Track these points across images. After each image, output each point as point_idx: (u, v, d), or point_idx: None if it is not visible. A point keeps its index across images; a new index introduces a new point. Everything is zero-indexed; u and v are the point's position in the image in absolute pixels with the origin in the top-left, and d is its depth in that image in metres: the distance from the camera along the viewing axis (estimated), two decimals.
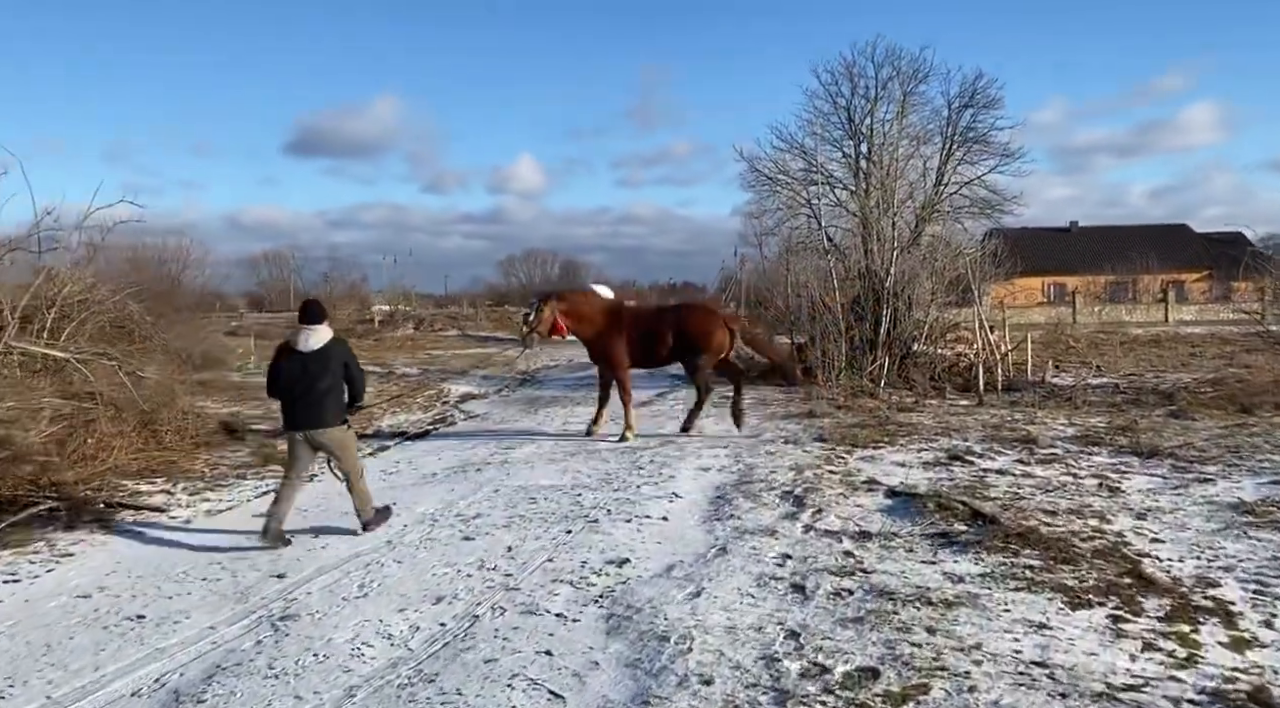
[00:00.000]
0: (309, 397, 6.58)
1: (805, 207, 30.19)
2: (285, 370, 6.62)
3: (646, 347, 11.49)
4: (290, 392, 6.60)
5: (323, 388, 6.61)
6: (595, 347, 11.62)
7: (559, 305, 11.26)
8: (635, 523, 6.89)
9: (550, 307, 11.18)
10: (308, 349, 6.63)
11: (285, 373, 6.62)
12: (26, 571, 5.99)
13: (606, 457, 9.81)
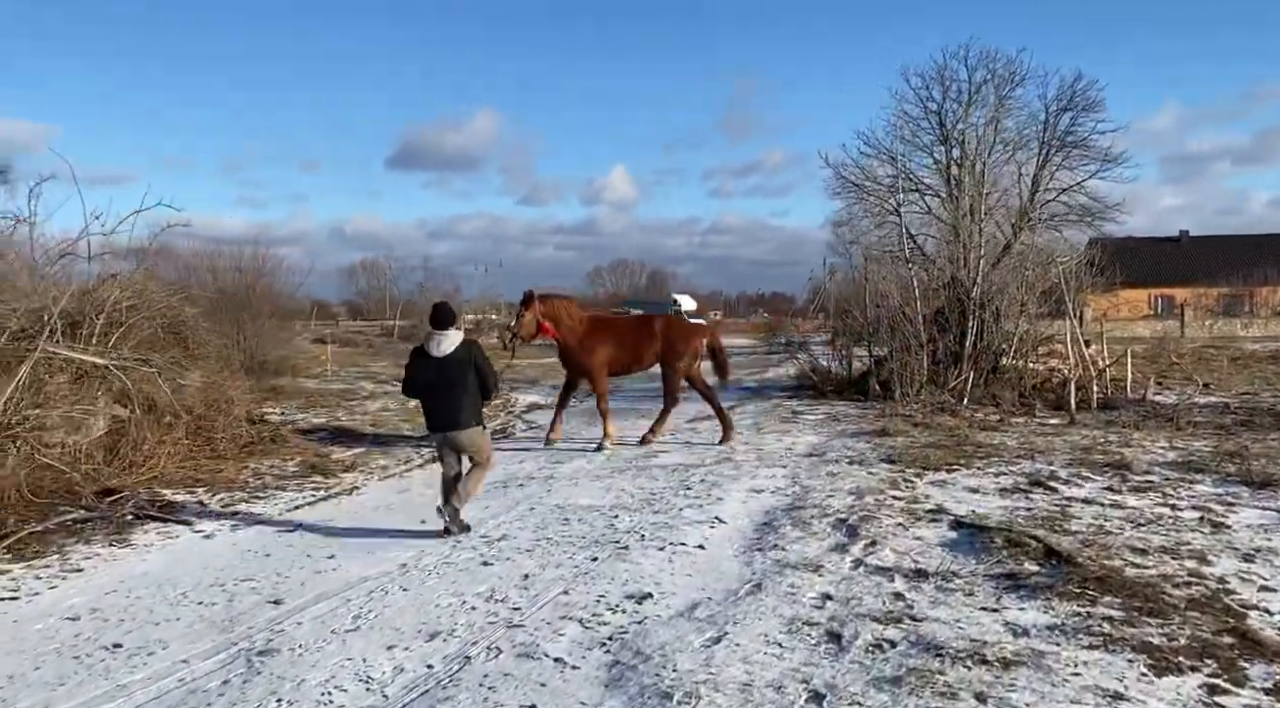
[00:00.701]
0: (445, 400, 6.89)
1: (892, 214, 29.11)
2: (420, 375, 6.94)
3: (626, 353, 11.90)
4: (427, 396, 6.95)
5: (457, 392, 6.89)
6: (573, 352, 11.63)
7: (540, 309, 11.32)
8: (668, 551, 6.33)
9: (533, 310, 11.23)
10: (440, 354, 6.89)
11: (420, 378, 6.95)
12: (29, 587, 5.77)
13: (655, 475, 9.27)
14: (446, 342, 6.93)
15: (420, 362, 6.97)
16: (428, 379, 6.92)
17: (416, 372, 6.97)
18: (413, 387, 7.06)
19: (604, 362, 11.71)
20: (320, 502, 8.43)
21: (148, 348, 10.11)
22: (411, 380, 7.04)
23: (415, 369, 6.98)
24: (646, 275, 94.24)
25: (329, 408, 15.89)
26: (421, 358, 6.98)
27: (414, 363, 7.02)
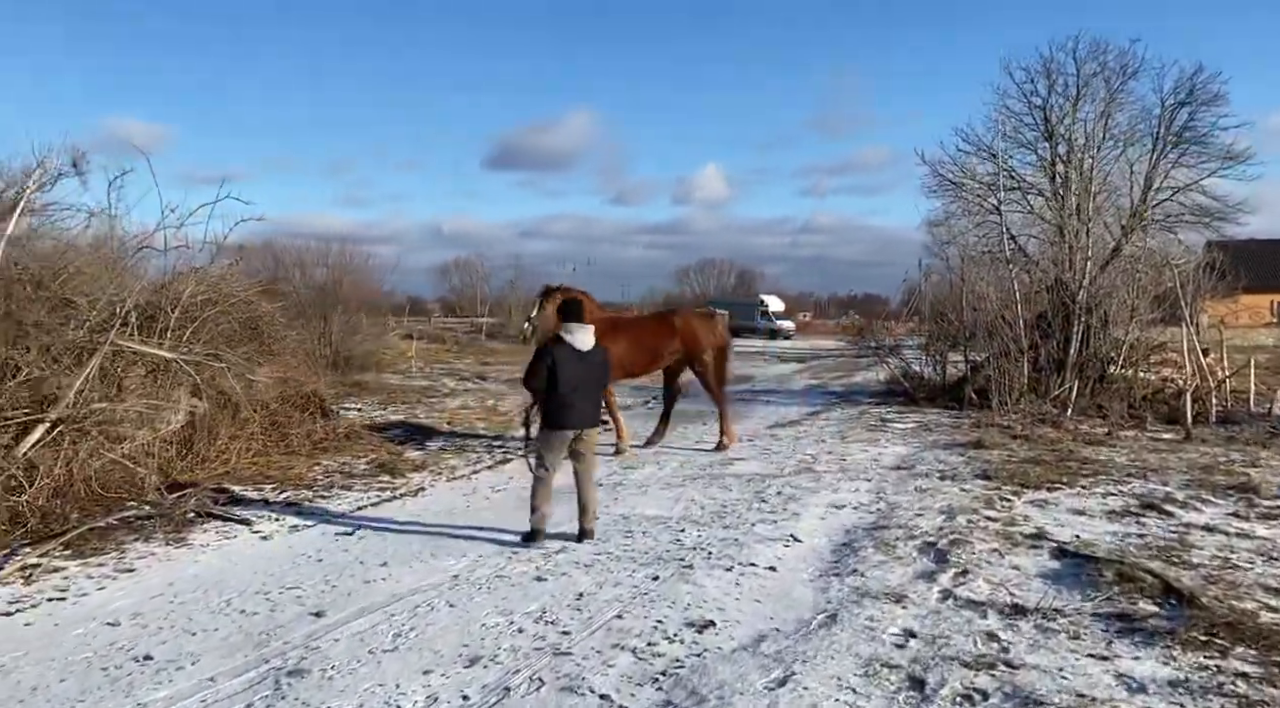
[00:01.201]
0: (588, 396, 6.73)
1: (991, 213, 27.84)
2: (566, 370, 6.58)
3: (644, 353, 11.29)
4: (569, 392, 6.59)
5: (595, 388, 6.86)
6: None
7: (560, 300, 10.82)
8: (735, 573, 5.85)
9: (553, 303, 10.53)
10: (584, 349, 6.69)
11: (566, 373, 6.58)
12: (79, 587, 5.63)
13: (729, 484, 8.78)
14: (588, 336, 6.74)
15: (567, 357, 6.60)
16: (576, 375, 6.60)
17: (563, 367, 6.55)
18: (556, 383, 6.56)
19: (619, 362, 10.99)
20: (385, 503, 8.21)
21: (224, 343, 10.09)
22: (556, 376, 6.56)
23: (562, 365, 6.55)
24: (735, 275, 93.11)
25: (409, 404, 15.84)
26: (566, 353, 6.61)
27: (560, 358, 6.58)
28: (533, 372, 6.67)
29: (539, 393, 6.68)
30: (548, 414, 6.67)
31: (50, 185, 7.69)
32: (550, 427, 6.68)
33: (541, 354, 6.68)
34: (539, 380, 6.63)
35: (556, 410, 6.63)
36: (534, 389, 6.71)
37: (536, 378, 6.64)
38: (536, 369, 6.63)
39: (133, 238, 9.31)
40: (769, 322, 59.10)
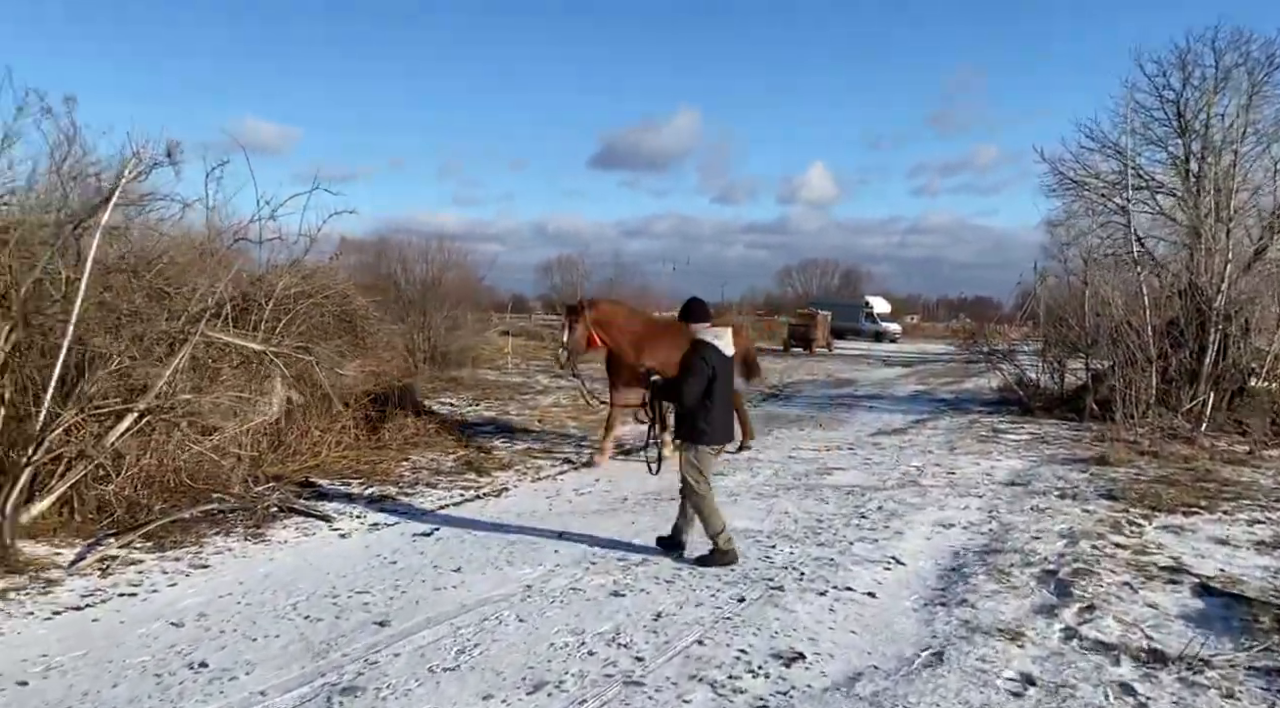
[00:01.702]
0: (729, 406, 6.19)
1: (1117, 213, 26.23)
2: (719, 378, 5.98)
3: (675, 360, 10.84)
4: (719, 402, 5.99)
5: (731, 397, 6.28)
6: (625, 360, 9.99)
7: (591, 316, 10.00)
8: (830, 597, 5.35)
9: (584, 321, 9.91)
10: (729, 354, 6.15)
11: (722, 381, 6.00)
12: (151, 582, 5.52)
13: (826, 496, 8.24)
14: (728, 339, 6.16)
15: (719, 361, 5.98)
16: (726, 383, 6.06)
17: (718, 373, 5.95)
18: (712, 393, 5.92)
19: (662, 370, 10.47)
20: (466, 503, 7.98)
21: (318, 336, 10.07)
22: (711, 384, 5.91)
23: (717, 370, 5.94)
24: (839, 276, 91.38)
25: (501, 401, 15.72)
26: (718, 359, 5.97)
27: (714, 361, 5.94)
28: (695, 383, 5.85)
29: (692, 405, 5.90)
30: (700, 429, 5.93)
31: (146, 175, 7.69)
32: (705, 442, 5.97)
33: (701, 360, 5.89)
34: (698, 390, 5.86)
35: (712, 424, 5.95)
36: (691, 402, 5.90)
37: (697, 389, 5.85)
38: (697, 380, 5.85)
39: (228, 229, 9.31)
40: (874, 324, 57.63)
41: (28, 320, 7.80)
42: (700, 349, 5.96)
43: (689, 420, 5.97)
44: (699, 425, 5.93)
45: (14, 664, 4.21)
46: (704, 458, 5.99)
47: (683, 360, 6.03)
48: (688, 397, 5.87)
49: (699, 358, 5.91)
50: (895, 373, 27.74)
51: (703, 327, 6.10)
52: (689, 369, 5.89)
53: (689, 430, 5.98)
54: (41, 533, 6.37)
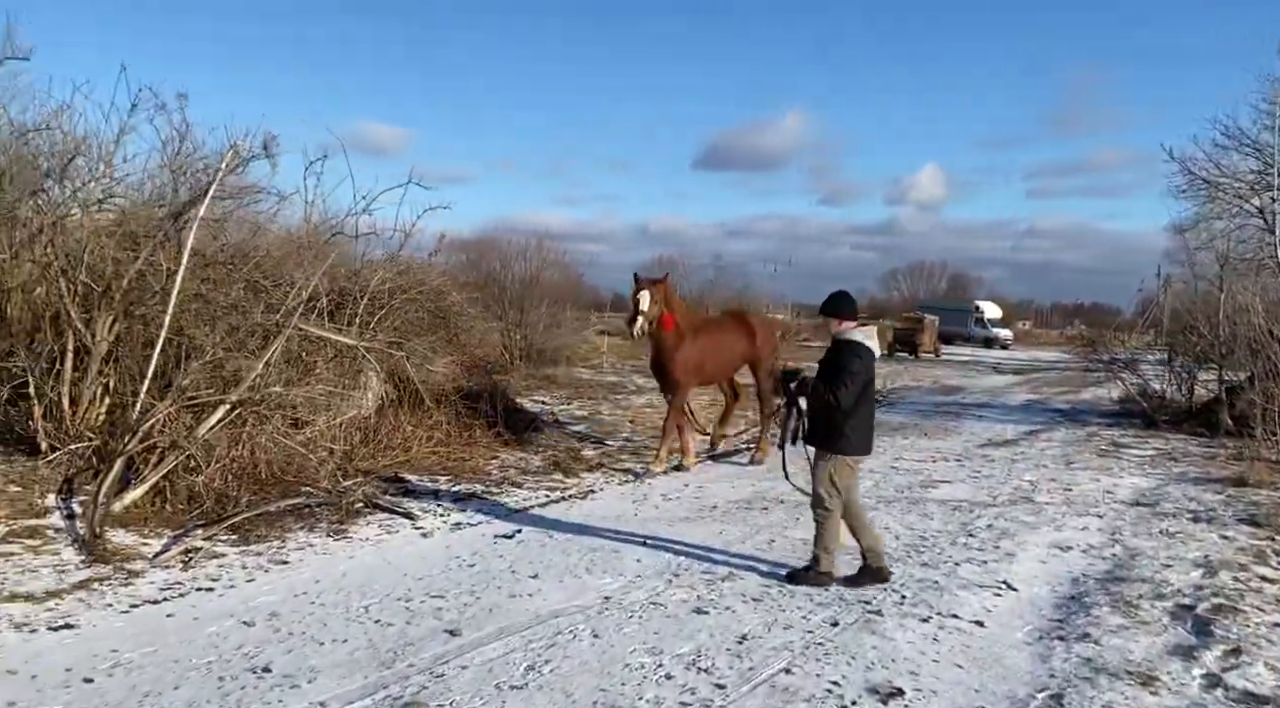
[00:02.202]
0: (873, 415, 5.68)
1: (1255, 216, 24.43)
2: (871, 382, 5.52)
3: (725, 357, 10.11)
4: (868, 409, 5.52)
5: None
6: (677, 353, 9.35)
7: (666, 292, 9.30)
8: (933, 624, 4.90)
9: (664, 294, 9.15)
10: (878, 355, 5.60)
11: (871, 386, 5.54)
12: (229, 578, 5.45)
13: (930, 511, 7.72)
14: (876, 338, 5.63)
15: (872, 363, 5.49)
16: (872, 386, 5.56)
17: (871, 376, 5.52)
18: (864, 395, 5.42)
19: (698, 366, 9.61)
20: (552, 504, 7.78)
21: (411, 331, 10.05)
22: (865, 389, 5.43)
23: (871, 374, 5.50)
24: (947, 279, 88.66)
25: (595, 401, 15.55)
26: (871, 359, 5.47)
27: (869, 363, 5.45)
28: (853, 386, 5.28)
29: (843, 410, 5.30)
30: (846, 437, 5.40)
31: (242, 169, 7.77)
32: (849, 452, 5.46)
33: (857, 360, 5.34)
34: (855, 394, 5.31)
35: (858, 432, 5.44)
36: (845, 407, 5.30)
37: (855, 393, 5.30)
38: (856, 382, 5.30)
39: (325, 224, 9.36)
40: (984, 329, 55.57)
41: (129, 311, 7.95)
42: (855, 349, 5.39)
43: (832, 427, 5.40)
44: (844, 433, 5.39)
45: (85, 659, 4.15)
46: (842, 469, 5.44)
47: (834, 360, 5.43)
48: (844, 400, 5.26)
49: (856, 358, 5.35)
50: (1006, 380, 26.54)
51: (851, 325, 5.53)
52: (846, 369, 5.30)
53: (831, 438, 5.42)
54: (133, 522, 6.41)
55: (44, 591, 5.00)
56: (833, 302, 5.60)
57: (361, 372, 9.49)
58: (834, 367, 5.40)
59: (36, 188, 7.89)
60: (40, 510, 6.47)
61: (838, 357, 5.43)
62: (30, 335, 7.98)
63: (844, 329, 5.49)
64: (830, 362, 5.48)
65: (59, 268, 7.69)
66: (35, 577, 5.22)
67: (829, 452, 5.45)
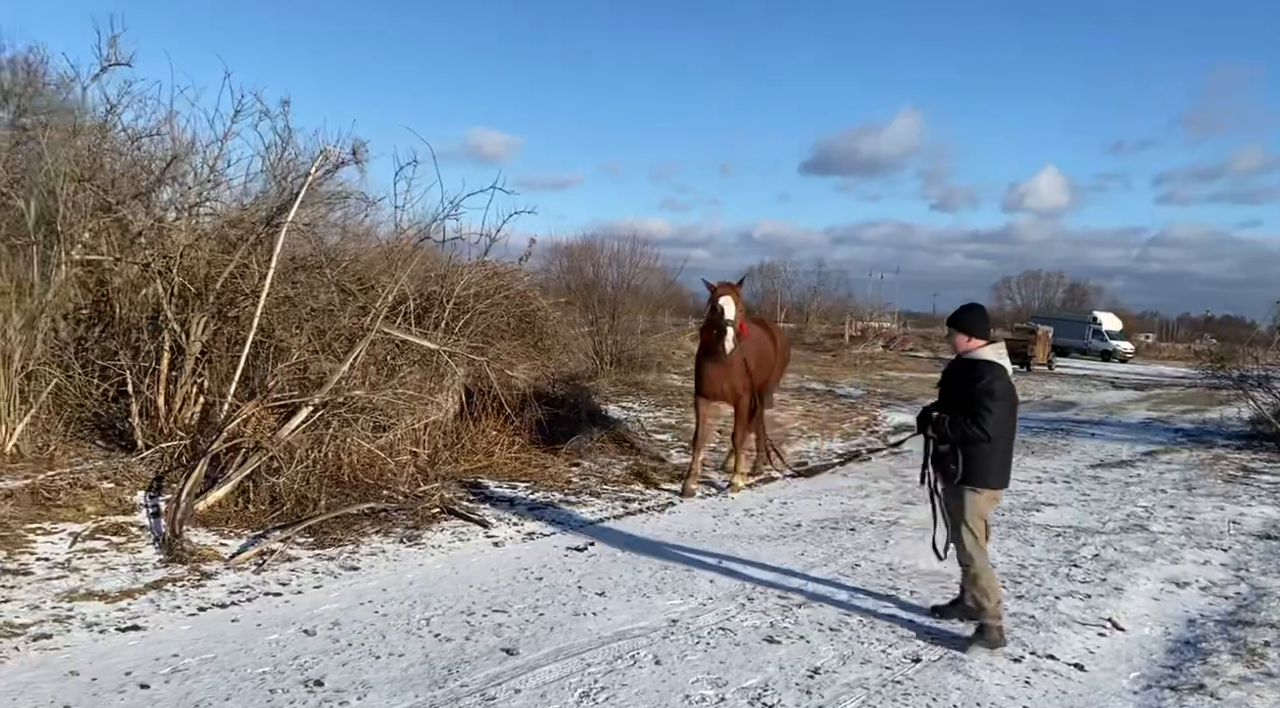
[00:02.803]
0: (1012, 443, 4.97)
1: None
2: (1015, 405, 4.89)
3: (768, 368, 9.47)
4: (1009, 437, 4.85)
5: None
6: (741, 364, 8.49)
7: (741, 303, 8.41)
8: (1026, 665, 4.49)
9: (741, 300, 8.29)
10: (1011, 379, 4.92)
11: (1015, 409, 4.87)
12: (297, 583, 5.43)
13: (1031, 537, 7.21)
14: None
15: (1013, 386, 4.88)
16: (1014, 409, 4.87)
17: (1015, 400, 4.89)
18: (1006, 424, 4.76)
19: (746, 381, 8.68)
20: (628, 516, 7.59)
21: (496, 336, 10.03)
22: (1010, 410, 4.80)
23: (1014, 398, 4.87)
24: (1063, 289, 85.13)
25: (683, 408, 15.29)
26: (1011, 381, 4.86)
27: (1011, 387, 4.83)
28: (995, 411, 4.62)
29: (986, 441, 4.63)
30: (989, 470, 4.74)
31: (331, 174, 7.85)
32: (998, 484, 4.82)
33: (999, 383, 4.70)
34: (1002, 422, 4.68)
35: (1000, 461, 4.80)
36: (991, 442, 4.64)
37: (998, 417, 4.64)
38: (999, 407, 4.64)
39: (411, 228, 9.41)
40: (1102, 341, 53.01)
41: (223, 313, 8.13)
42: (994, 371, 4.72)
43: (973, 457, 4.70)
44: (988, 463, 4.72)
45: (146, 663, 4.15)
46: (985, 505, 4.81)
47: (967, 384, 4.71)
48: (992, 430, 4.60)
49: (997, 381, 4.68)
50: (1124, 396, 25.13)
51: (980, 344, 4.88)
52: (989, 395, 4.61)
53: (972, 470, 4.71)
54: (216, 522, 6.50)
55: (118, 590, 5.06)
56: (966, 316, 4.92)
57: (445, 375, 9.52)
58: (970, 393, 4.67)
59: (140, 191, 8.14)
60: (129, 507, 6.62)
61: (974, 380, 4.70)
62: (130, 335, 8.23)
63: (973, 348, 4.86)
64: (963, 385, 4.77)
65: (156, 269, 7.91)
66: (114, 575, 5.31)
67: (970, 486, 4.73)
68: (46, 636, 4.37)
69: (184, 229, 8.24)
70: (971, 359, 4.84)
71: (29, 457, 7.30)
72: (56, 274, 7.66)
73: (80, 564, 5.42)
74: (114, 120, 8.80)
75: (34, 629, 4.42)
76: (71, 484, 6.69)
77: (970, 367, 4.81)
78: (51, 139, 8.29)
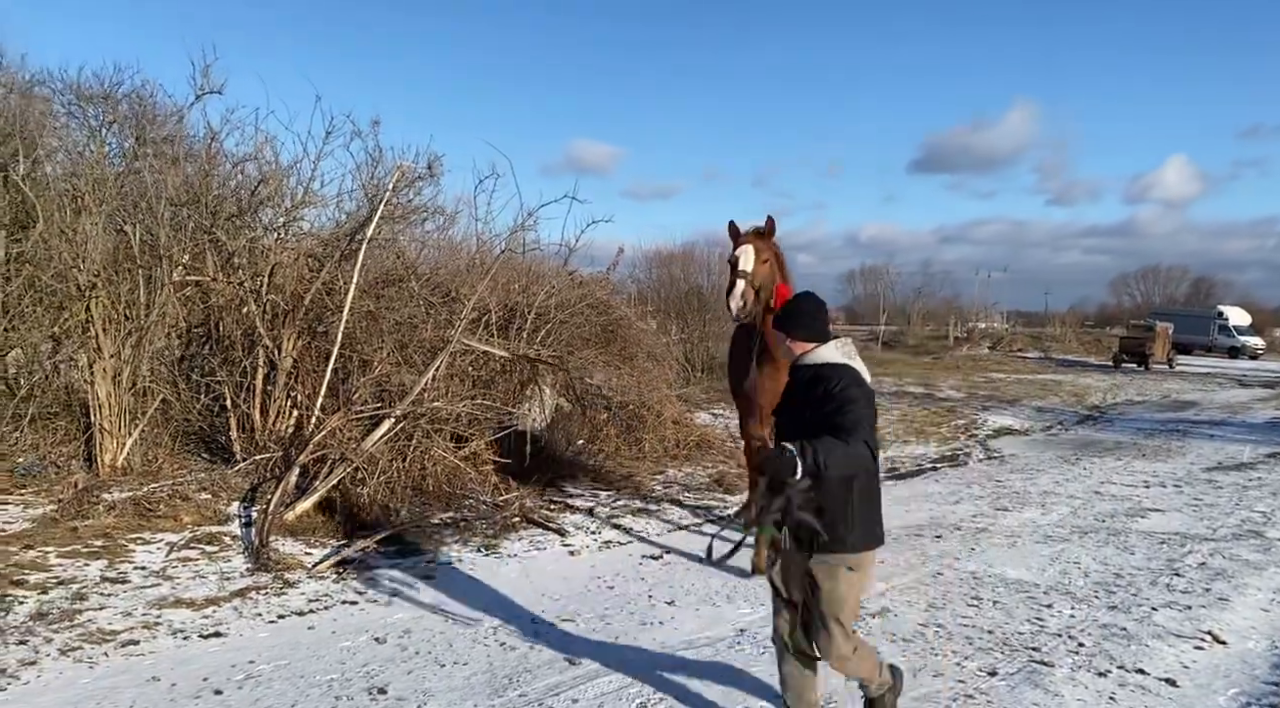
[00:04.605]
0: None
1: None
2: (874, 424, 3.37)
3: None
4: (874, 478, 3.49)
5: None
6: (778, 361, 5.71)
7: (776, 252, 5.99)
8: (1112, 680, 4.24)
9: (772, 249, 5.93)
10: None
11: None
12: (373, 592, 5.53)
13: (1132, 545, 6.83)
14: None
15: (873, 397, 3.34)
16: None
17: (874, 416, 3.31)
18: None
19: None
20: (708, 524, 7.51)
21: (579, 345, 10.10)
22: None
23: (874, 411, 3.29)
24: (1187, 283, 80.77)
25: None
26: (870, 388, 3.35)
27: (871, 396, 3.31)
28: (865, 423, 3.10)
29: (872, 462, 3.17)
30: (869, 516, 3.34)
31: (407, 188, 8.04)
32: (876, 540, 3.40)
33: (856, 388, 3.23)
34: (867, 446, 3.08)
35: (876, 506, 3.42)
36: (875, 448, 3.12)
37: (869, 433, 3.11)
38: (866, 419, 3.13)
39: (492, 240, 9.58)
40: (1229, 337, 50.06)
41: (311, 328, 8.42)
42: (853, 377, 3.28)
43: (847, 503, 3.25)
44: (866, 509, 3.31)
45: (223, 669, 4.30)
46: (867, 580, 3.48)
47: (813, 395, 3.26)
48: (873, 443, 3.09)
49: (854, 386, 3.22)
50: (1251, 395, 23.62)
51: (813, 345, 3.40)
52: (848, 402, 3.14)
53: (847, 523, 3.25)
54: (303, 531, 6.71)
55: (205, 598, 5.27)
56: (791, 313, 3.49)
57: (529, 384, 9.64)
58: (823, 407, 3.16)
59: (234, 214, 8.51)
60: (223, 518, 6.91)
61: (822, 392, 3.22)
62: (229, 351, 8.61)
63: (807, 351, 3.40)
64: (809, 403, 3.26)
65: (250, 288, 8.24)
66: (203, 583, 5.53)
67: (842, 552, 3.25)
68: (134, 642, 4.57)
69: (275, 248, 8.57)
70: (809, 365, 3.37)
71: (138, 470, 7.68)
72: (159, 295, 8.06)
73: (173, 573, 5.67)
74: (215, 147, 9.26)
75: (123, 636, 4.63)
76: (171, 496, 7.02)
77: (812, 377, 3.33)
78: (156, 167, 8.77)
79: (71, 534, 6.19)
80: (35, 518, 6.49)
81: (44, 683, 4.05)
